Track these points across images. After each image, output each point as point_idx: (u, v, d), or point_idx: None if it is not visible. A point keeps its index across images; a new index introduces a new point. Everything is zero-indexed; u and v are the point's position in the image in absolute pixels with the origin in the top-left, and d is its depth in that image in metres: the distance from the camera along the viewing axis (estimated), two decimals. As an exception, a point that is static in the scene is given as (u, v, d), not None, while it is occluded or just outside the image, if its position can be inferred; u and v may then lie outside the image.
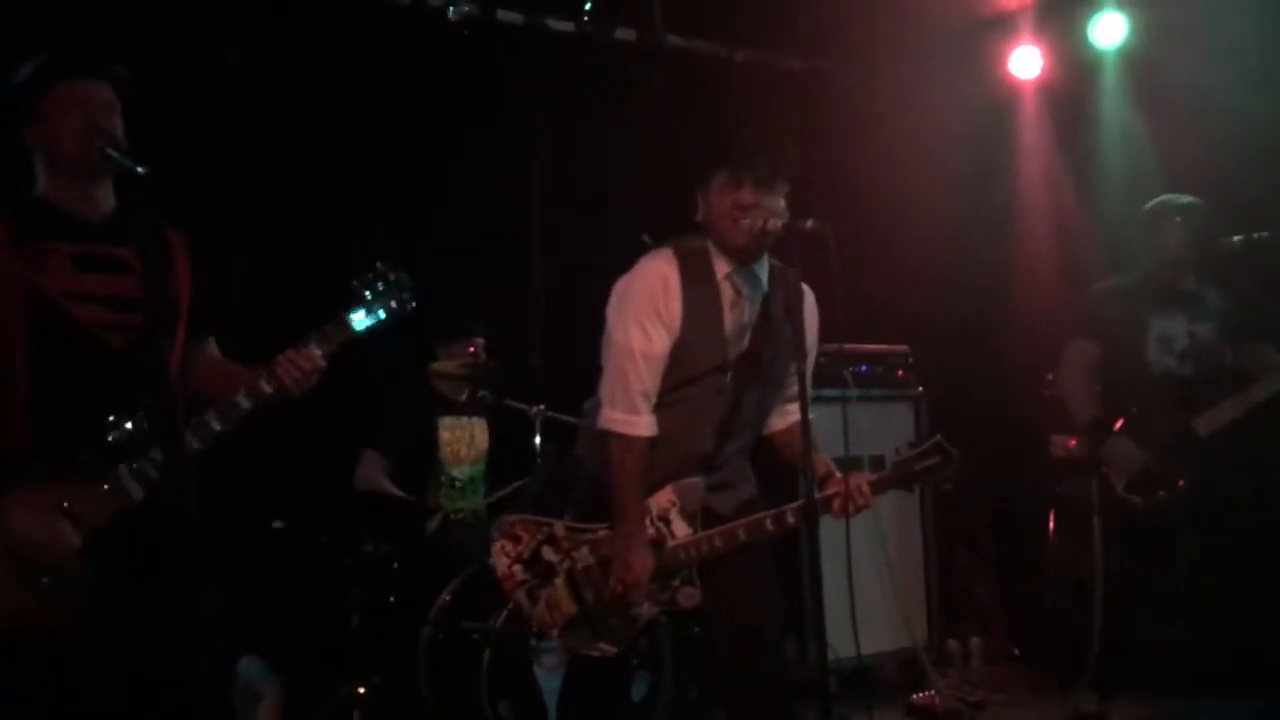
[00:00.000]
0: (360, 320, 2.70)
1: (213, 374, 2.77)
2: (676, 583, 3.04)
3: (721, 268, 3.05)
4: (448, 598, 4.27)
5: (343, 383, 2.91)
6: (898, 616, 4.93)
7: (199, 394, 2.69)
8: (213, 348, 2.84)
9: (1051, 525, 5.34)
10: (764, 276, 3.09)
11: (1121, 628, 4.12)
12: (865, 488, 2.98)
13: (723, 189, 3.00)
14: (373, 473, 4.67)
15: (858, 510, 2.98)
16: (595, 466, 3.12)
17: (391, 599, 4.40)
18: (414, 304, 2.76)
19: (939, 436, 3.00)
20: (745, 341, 3.08)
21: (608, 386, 3.05)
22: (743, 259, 3.04)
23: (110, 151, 2.47)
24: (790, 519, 2.98)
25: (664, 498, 3.06)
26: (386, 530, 4.46)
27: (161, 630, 2.44)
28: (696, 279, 3.03)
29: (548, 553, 3.12)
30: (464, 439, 4.83)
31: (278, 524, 4.59)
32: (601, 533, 3.08)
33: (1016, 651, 5.57)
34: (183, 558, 2.50)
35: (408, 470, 4.72)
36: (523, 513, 3.23)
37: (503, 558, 3.15)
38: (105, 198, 2.65)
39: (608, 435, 3.03)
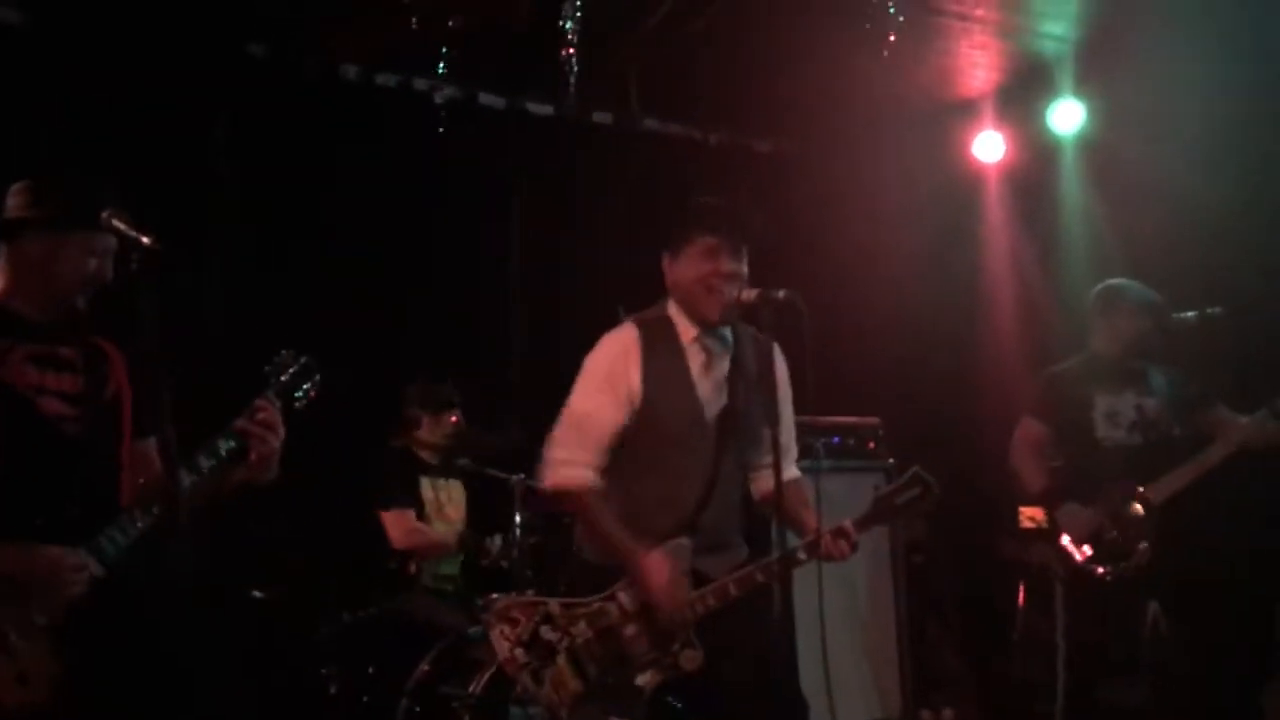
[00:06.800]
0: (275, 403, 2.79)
1: (152, 469, 2.83)
2: (676, 646, 3.04)
3: (688, 331, 3.13)
4: (426, 667, 4.27)
5: (319, 448, 2.97)
6: (871, 686, 4.95)
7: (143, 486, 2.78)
8: (152, 448, 2.88)
9: (1021, 595, 5.41)
10: (729, 335, 3.18)
11: (1086, 694, 4.19)
12: (849, 525, 3.02)
13: (700, 257, 3.08)
14: (413, 525, 4.68)
15: (844, 549, 3.02)
16: (589, 550, 3.17)
17: (370, 669, 4.40)
18: (315, 392, 2.90)
19: (917, 468, 3.02)
20: (724, 398, 3.15)
21: (553, 441, 3.13)
22: (711, 325, 3.13)
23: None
24: (773, 569, 2.97)
25: None
26: (366, 596, 4.47)
27: (141, 702, 2.49)
28: (662, 347, 3.12)
29: (546, 632, 3.08)
30: (445, 498, 4.89)
31: (257, 594, 4.62)
32: (595, 604, 3.09)
33: (989, 722, 5.60)
34: (169, 628, 2.60)
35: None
36: (512, 594, 3.24)
37: (503, 642, 3.09)
38: (57, 306, 2.78)
39: (566, 493, 3.11)
